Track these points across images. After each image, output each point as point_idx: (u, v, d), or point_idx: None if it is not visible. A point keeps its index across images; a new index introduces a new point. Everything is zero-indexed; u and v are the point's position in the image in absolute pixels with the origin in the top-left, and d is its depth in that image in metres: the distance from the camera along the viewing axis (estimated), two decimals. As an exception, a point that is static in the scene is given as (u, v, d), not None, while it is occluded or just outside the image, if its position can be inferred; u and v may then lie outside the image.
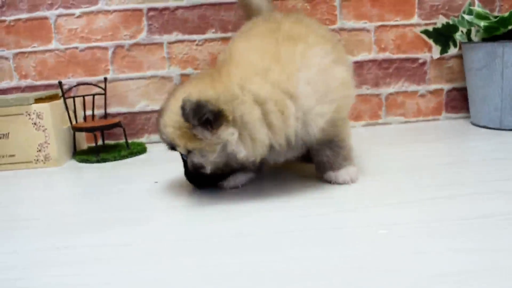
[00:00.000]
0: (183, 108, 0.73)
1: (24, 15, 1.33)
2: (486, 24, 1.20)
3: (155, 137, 1.39)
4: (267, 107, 0.75)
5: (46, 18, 1.33)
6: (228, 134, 0.74)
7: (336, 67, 0.81)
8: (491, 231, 0.62)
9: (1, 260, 0.64)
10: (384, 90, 1.40)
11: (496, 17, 1.21)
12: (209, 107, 0.72)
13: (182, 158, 0.85)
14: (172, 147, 0.82)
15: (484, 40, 1.25)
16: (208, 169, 0.79)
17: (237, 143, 0.75)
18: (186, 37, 1.34)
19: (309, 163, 0.94)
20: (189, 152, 0.78)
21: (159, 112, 0.83)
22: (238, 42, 0.86)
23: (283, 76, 0.76)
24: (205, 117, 0.73)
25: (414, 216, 0.69)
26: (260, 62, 0.77)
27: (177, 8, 1.32)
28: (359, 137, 1.27)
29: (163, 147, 0.85)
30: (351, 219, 0.70)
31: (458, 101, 1.43)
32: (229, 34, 1.33)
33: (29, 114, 1.15)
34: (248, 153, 0.76)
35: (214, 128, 0.74)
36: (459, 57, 1.40)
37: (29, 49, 1.34)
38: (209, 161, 0.77)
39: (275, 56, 0.78)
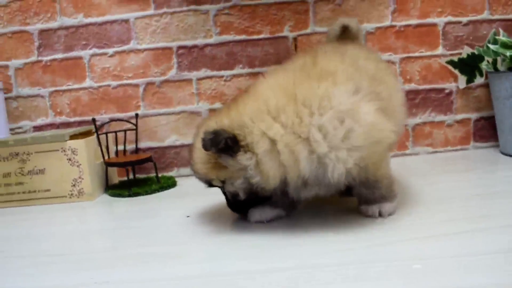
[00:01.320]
0: (203, 139, 0.77)
1: (59, 55, 1.39)
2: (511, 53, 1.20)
3: (184, 170, 1.41)
4: (277, 146, 0.75)
5: (80, 58, 1.39)
6: (246, 159, 0.76)
7: (365, 107, 0.76)
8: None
9: (42, 295, 0.66)
10: (411, 121, 1.40)
11: (522, 46, 1.21)
12: (224, 134, 0.75)
13: (222, 191, 0.88)
14: (209, 183, 0.84)
15: (510, 69, 1.25)
16: (242, 195, 0.81)
17: (254, 168, 0.76)
18: (215, 73, 1.38)
19: (351, 197, 0.93)
20: (223, 182, 0.81)
21: (189, 152, 0.86)
22: (268, 74, 0.86)
23: (296, 119, 0.75)
24: (222, 144, 0.75)
25: (447, 249, 0.69)
26: (274, 100, 0.77)
27: (206, 45, 1.37)
28: (387, 168, 1.27)
29: (192, 180, 0.88)
30: (384, 252, 0.70)
31: (486, 130, 1.42)
32: (256, 70, 1.37)
33: (64, 150, 1.19)
34: (261, 180, 0.77)
35: (235, 153, 0.76)
36: (486, 86, 1.39)
37: (64, 87, 1.40)
38: (239, 187, 0.80)
39: (292, 95, 0.77)
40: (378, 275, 0.62)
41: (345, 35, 1.05)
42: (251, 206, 0.88)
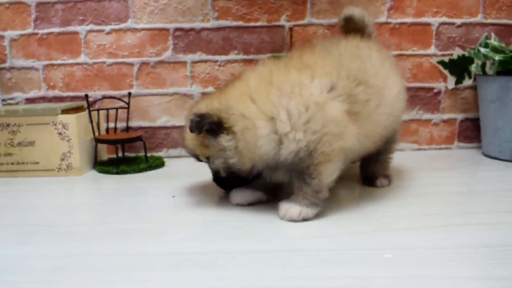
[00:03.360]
0: (190, 121, 0.83)
1: (56, 29, 1.39)
2: (500, 58, 1.23)
3: (173, 151, 1.43)
4: (246, 123, 0.81)
5: (77, 33, 1.39)
6: (226, 140, 0.82)
7: (332, 103, 0.81)
8: (494, 260, 0.65)
9: (26, 262, 0.68)
10: (399, 117, 1.43)
11: (511, 51, 1.24)
12: (208, 119, 0.82)
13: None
14: (196, 157, 0.91)
15: (498, 73, 1.28)
16: (222, 173, 0.88)
17: (232, 150, 0.82)
18: (210, 57, 1.39)
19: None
20: (207, 159, 0.88)
21: (183, 128, 0.93)
22: (259, 64, 0.91)
23: (267, 99, 0.81)
24: (206, 127, 0.82)
25: (420, 242, 0.72)
26: (254, 85, 0.84)
27: (203, 29, 1.38)
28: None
29: (180, 161, 0.90)
30: (359, 241, 0.73)
31: (471, 131, 1.45)
32: (251, 57, 1.38)
33: (55, 124, 1.21)
34: (238, 161, 0.83)
35: (217, 135, 0.83)
36: (474, 88, 1.42)
37: (58, 62, 1.41)
38: (219, 166, 0.86)
39: (269, 81, 0.83)
40: (352, 261, 0.65)
41: (349, 26, 1.04)
42: (234, 184, 0.92)
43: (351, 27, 1.04)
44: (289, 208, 0.83)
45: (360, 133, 0.85)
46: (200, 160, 0.92)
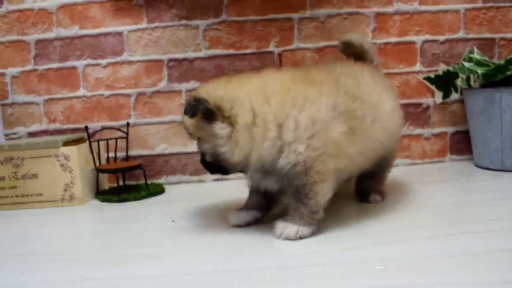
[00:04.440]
0: (186, 102, 0.86)
1: (55, 65, 1.45)
2: (484, 71, 1.28)
3: (172, 178, 1.47)
4: (256, 120, 0.84)
5: (75, 67, 1.45)
6: (219, 128, 0.85)
7: (335, 124, 0.85)
8: (484, 267, 0.67)
9: (35, 289, 0.71)
10: (390, 133, 1.47)
11: (494, 64, 1.28)
12: (203, 104, 0.83)
13: None
14: (190, 135, 0.92)
15: (483, 86, 1.33)
16: (208, 158, 0.90)
17: (224, 139, 0.85)
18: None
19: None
20: (198, 140, 0.91)
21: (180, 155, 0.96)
22: (278, 70, 0.97)
23: (280, 106, 0.84)
24: (198, 113, 0.84)
25: (412, 252, 0.75)
26: (272, 87, 0.86)
27: (195, 58, 1.43)
28: (366, 178, 1.33)
29: (180, 187, 0.93)
30: (352, 255, 0.76)
31: (462, 144, 1.49)
32: (242, 82, 1.43)
33: (57, 156, 1.25)
34: (228, 152, 0.85)
35: (210, 122, 0.85)
36: (461, 101, 1.47)
37: (58, 96, 1.46)
38: (206, 150, 0.89)
39: (287, 88, 0.86)
40: (344, 275, 0.68)
41: (349, 51, 1.09)
42: (216, 171, 0.94)
43: (351, 52, 1.09)
44: (285, 227, 0.85)
45: (356, 151, 0.89)
46: (192, 138, 0.94)
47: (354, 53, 1.09)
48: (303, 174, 0.83)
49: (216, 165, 0.91)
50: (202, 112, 0.84)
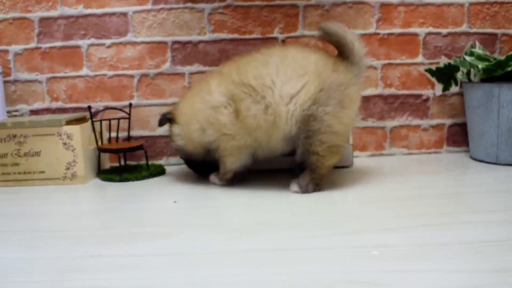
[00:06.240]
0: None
1: (58, 43, 1.45)
2: (484, 66, 1.29)
3: (173, 159, 1.49)
4: (184, 119, 1.20)
5: (78, 47, 1.45)
6: (175, 128, 1.21)
7: (222, 108, 1.10)
8: (472, 255, 0.70)
9: (40, 264, 0.73)
10: (389, 123, 1.49)
11: (495, 59, 1.30)
12: (165, 115, 1.23)
13: None
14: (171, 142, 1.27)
15: (482, 80, 1.34)
16: (180, 154, 1.26)
17: (180, 136, 1.20)
18: (207, 68, 1.45)
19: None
20: (171, 140, 1.25)
21: None
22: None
23: (192, 103, 1.16)
24: (163, 122, 1.24)
25: (407, 240, 0.78)
26: (194, 89, 1.21)
27: (200, 42, 1.44)
28: (364, 167, 1.36)
29: (180, 168, 0.95)
30: (348, 240, 0.78)
31: (459, 136, 1.51)
32: (245, 67, 1.44)
33: (60, 135, 1.26)
34: (182, 144, 1.20)
35: (171, 125, 1.22)
36: (460, 94, 1.49)
37: (61, 74, 1.46)
38: (175, 147, 1.23)
39: (200, 89, 1.17)
40: (340, 259, 0.71)
41: (326, 38, 1.13)
42: (192, 165, 1.31)
43: (329, 40, 1.13)
44: (213, 180, 1.21)
45: (244, 130, 1.08)
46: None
47: (335, 44, 1.12)
48: (216, 150, 1.14)
49: (188, 161, 1.28)
50: (163, 119, 1.23)
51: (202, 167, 1.27)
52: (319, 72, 1.05)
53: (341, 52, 1.11)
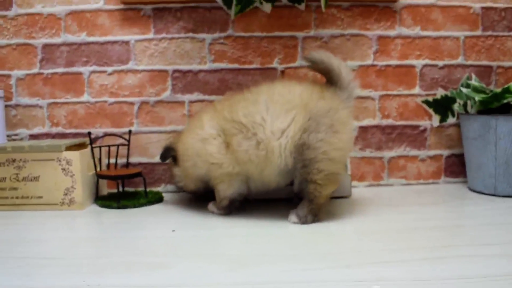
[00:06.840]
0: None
1: (60, 69, 1.47)
2: (481, 98, 1.31)
3: (171, 186, 1.49)
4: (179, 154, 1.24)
5: (80, 73, 1.47)
6: (176, 170, 1.26)
7: (212, 140, 1.14)
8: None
9: (37, 293, 0.72)
10: (387, 154, 1.50)
11: (491, 91, 1.32)
12: (168, 151, 1.26)
13: None
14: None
15: (479, 112, 1.36)
16: (187, 192, 1.30)
17: (179, 177, 1.25)
18: (206, 97, 1.47)
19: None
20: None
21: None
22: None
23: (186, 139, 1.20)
24: (167, 157, 1.28)
25: (405, 274, 0.77)
26: (189, 125, 1.26)
27: (200, 71, 1.46)
28: (362, 197, 1.36)
29: (178, 196, 0.95)
30: (346, 274, 0.78)
31: (457, 167, 1.52)
32: (245, 96, 1.46)
33: (59, 160, 1.26)
34: (184, 186, 1.27)
35: (176, 165, 1.25)
36: (457, 126, 1.50)
37: (62, 100, 1.48)
38: (176, 183, 1.29)
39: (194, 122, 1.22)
40: (340, 292, 0.70)
41: (313, 67, 1.16)
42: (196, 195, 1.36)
43: (316, 69, 1.17)
44: (212, 208, 1.22)
45: (234, 161, 1.11)
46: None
47: (322, 72, 1.15)
48: (210, 180, 1.17)
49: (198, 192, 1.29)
50: (169, 157, 1.28)
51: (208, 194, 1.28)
52: (305, 104, 1.07)
53: (329, 78, 1.13)
